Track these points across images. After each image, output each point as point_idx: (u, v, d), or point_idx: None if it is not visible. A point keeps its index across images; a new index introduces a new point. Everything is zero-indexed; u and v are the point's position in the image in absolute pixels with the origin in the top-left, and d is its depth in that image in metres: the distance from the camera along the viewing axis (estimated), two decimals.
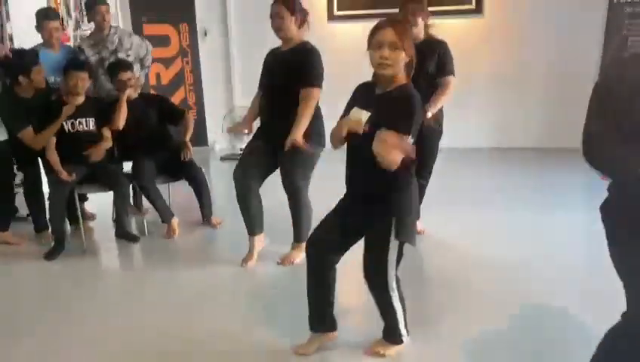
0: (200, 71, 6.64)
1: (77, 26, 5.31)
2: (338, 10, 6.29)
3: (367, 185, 2.16)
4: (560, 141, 6.34)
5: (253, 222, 3.34)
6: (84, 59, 4.00)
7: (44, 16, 3.88)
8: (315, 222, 3.26)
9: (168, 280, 3.26)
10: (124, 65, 3.95)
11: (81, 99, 3.72)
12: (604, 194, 1.73)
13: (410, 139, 1.98)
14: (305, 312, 2.41)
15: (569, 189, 4.88)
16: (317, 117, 3.19)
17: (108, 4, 4.11)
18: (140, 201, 4.21)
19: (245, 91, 6.80)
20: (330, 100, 3.23)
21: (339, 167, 2.35)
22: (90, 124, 3.76)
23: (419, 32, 3.30)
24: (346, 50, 5.29)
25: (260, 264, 3.38)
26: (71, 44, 5.11)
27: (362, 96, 2.19)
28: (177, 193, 4.41)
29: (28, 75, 3.54)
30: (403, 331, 2.32)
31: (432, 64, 3.32)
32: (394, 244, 2.14)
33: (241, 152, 3.45)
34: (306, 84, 3.05)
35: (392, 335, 2.35)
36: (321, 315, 2.39)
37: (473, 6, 6.13)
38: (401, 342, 2.35)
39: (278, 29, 3.11)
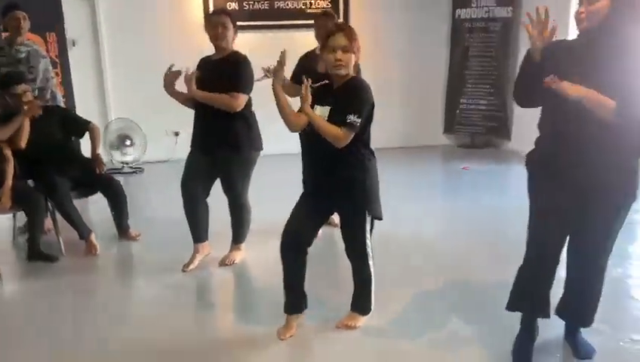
0: (71, 83, 6.30)
1: None
2: None
3: (330, 170, 2.46)
4: (418, 140, 7.26)
5: (199, 229, 3.45)
6: None
7: None
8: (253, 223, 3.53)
9: (110, 297, 3.21)
10: (18, 78, 3.74)
11: None
12: (465, 180, 2.31)
13: (357, 119, 2.34)
14: (260, 302, 2.66)
15: (442, 178, 5.69)
16: (251, 123, 3.37)
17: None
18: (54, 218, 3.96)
19: (120, 104, 6.62)
20: None
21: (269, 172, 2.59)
22: None
23: None
24: None
25: (200, 268, 3.49)
26: None
27: (321, 90, 2.44)
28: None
29: None
30: (372, 300, 2.69)
31: None
32: (368, 218, 2.50)
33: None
34: (232, 90, 3.17)
35: (362, 306, 2.70)
36: (298, 298, 2.66)
37: (342, 21, 6.75)
38: (369, 311, 2.71)
39: (221, 37, 3.19)
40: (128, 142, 6.30)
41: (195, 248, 3.49)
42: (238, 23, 3.33)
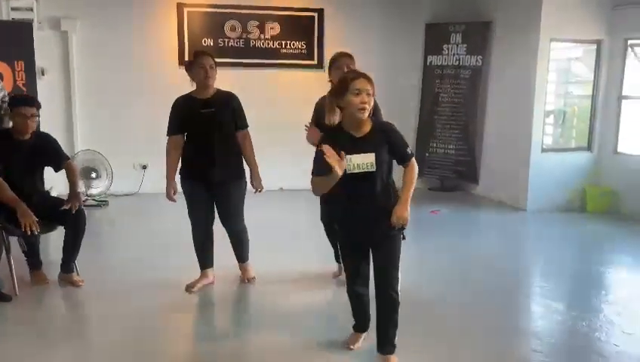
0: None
1: None
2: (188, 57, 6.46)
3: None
4: None
5: (206, 259, 3.72)
6: None
7: None
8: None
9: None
10: (30, 101, 3.78)
11: None
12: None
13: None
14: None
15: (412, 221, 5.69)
16: (239, 153, 3.58)
17: None
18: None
19: (88, 135, 6.48)
20: None
21: None
22: None
23: None
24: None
25: (232, 283, 3.79)
26: None
27: (339, 143, 2.40)
28: None
29: None
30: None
31: None
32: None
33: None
34: (244, 126, 3.57)
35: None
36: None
37: (315, 62, 6.88)
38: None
39: (211, 78, 3.42)
40: (94, 175, 6.15)
41: (203, 274, 3.72)
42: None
